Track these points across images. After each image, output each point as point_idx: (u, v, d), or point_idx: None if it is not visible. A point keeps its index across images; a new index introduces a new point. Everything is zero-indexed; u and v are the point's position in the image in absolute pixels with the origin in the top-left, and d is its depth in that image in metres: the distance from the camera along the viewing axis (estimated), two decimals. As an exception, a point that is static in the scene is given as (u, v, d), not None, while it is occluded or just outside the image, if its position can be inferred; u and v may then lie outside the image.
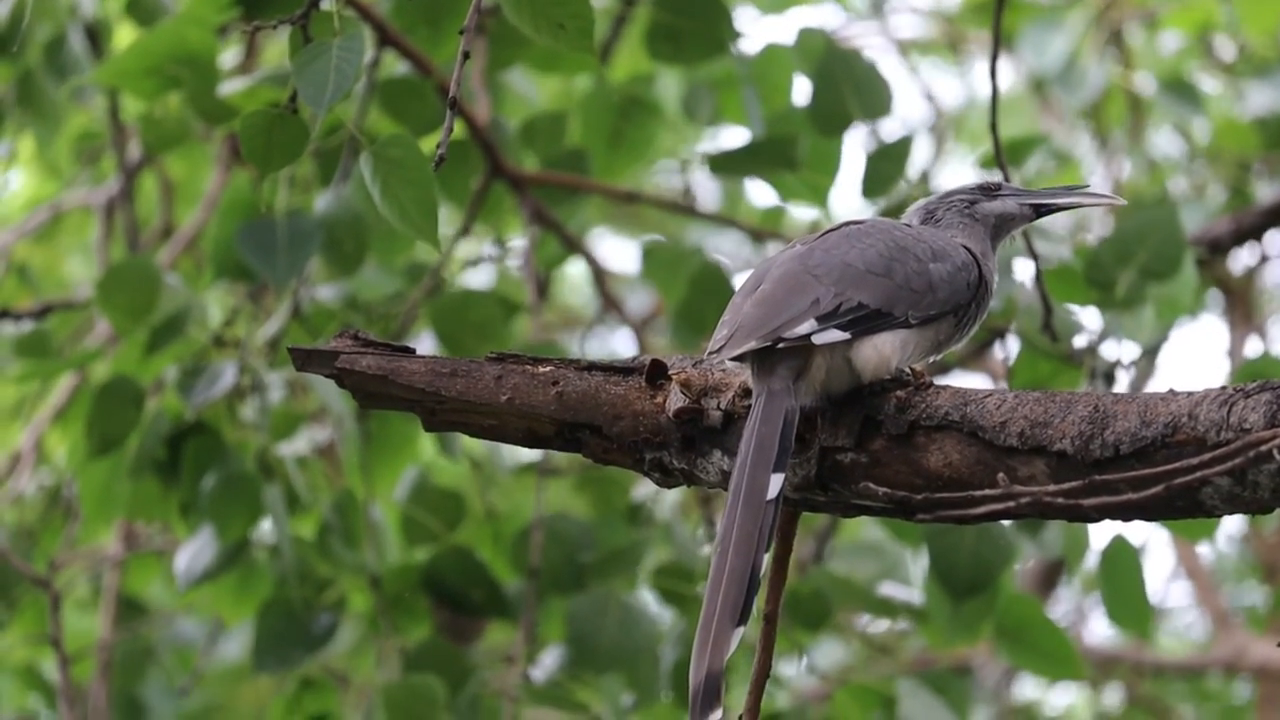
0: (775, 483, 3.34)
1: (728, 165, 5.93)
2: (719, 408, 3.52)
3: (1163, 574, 9.16)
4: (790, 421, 3.38)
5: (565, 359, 3.63)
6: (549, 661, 5.77)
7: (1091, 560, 5.60)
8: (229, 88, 5.60)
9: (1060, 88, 6.85)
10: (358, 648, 6.78)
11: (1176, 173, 7.49)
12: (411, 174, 4.14)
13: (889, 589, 6.03)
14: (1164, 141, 7.81)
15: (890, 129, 5.85)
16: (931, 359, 3.60)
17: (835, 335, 3.43)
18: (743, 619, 3.28)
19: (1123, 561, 5.50)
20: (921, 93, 7.69)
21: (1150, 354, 5.54)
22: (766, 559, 3.34)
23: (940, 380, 3.52)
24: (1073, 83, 6.83)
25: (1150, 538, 8.79)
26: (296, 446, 5.83)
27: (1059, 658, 5.66)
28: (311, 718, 5.72)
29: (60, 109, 6.25)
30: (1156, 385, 5.60)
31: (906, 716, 5.55)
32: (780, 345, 3.41)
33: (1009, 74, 8.40)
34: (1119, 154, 7.70)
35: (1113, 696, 8.79)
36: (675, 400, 3.53)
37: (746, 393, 3.49)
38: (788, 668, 5.87)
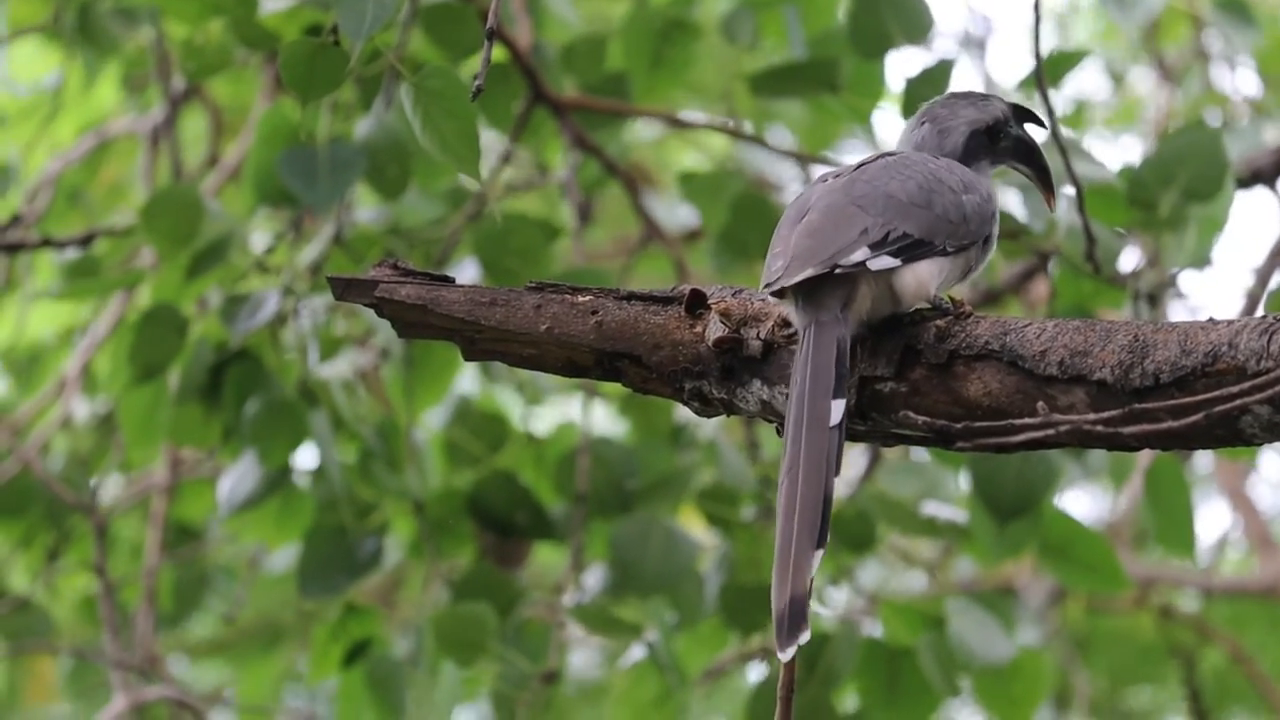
0: (837, 409, 3.38)
1: (769, 86, 5.90)
2: (758, 337, 3.53)
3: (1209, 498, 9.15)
4: (843, 349, 3.42)
5: (604, 288, 3.63)
6: (591, 584, 5.79)
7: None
8: (271, 6, 5.58)
9: (1115, 6, 6.70)
10: (402, 573, 6.81)
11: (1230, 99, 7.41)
12: (452, 105, 4.14)
13: (932, 508, 6.02)
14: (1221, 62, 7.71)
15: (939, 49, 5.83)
16: (958, 286, 3.64)
17: (888, 262, 3.47)
18: (821, 541, 3.31)
19: (1168, 482, 5.49)
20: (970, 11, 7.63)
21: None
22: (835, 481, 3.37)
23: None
24: (1128, 1, 6.68)
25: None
26: (339, 369, 5.84)
27: (1104, 572, 5.64)
28: (355, 643, 5.73)
29: (114, 37, 6.25)
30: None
31: (957, 635, 5.55)
32: (837, 272, 3.45)
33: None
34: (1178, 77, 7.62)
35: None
36: (714, 330, 3.54)
37: (785, 323, 3.52)
38: (834, 591, 5.89)
